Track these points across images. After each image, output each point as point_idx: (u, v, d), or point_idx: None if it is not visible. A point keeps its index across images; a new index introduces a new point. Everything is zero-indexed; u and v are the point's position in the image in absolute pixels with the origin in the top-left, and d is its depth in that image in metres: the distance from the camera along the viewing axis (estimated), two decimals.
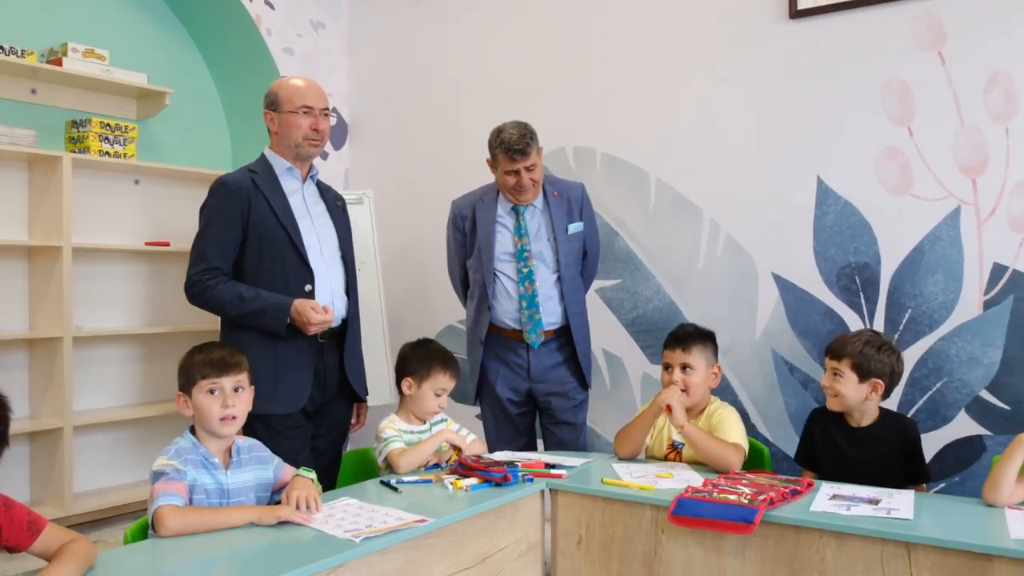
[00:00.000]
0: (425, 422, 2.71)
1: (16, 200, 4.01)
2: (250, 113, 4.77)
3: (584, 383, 3.18)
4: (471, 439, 2.65)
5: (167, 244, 4.40)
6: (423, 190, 4.58)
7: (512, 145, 2.99)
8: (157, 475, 1.99)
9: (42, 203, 3.99)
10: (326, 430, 2.83)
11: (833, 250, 3.42)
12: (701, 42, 3.72)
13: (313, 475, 2.16)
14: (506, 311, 3.10)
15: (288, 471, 2.21)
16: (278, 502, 2.11)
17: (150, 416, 4.31)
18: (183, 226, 4.56)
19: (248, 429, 2.56)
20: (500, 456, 2.64)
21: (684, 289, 3.74)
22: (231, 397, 2.12)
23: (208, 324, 4.43)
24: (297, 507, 2.00)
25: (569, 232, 3.15)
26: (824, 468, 2.56)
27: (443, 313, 4.48)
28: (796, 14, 3.47)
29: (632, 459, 2.68)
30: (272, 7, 4.56)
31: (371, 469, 2.72)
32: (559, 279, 3.12)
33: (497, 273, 3.11)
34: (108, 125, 4.13)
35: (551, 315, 3.10)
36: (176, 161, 4.59)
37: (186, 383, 2.16)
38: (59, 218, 3.89)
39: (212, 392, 2.12)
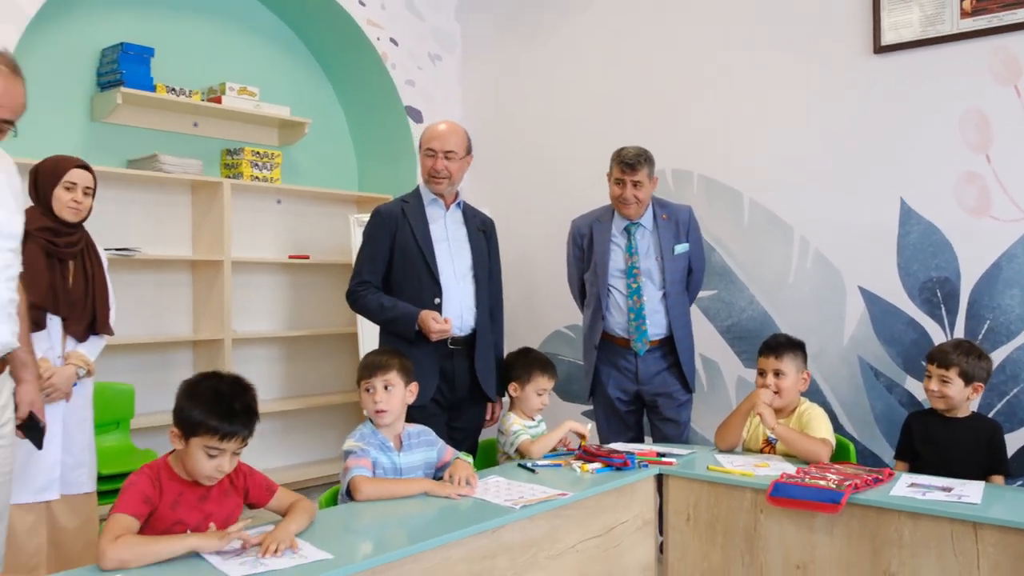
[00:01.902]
0: (534, 418, 3.16)
1: (181, 220, 4.62)
2: (374, 139, 5.33)
3: (687, 387, 3.53)
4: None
5: (307, 257, 4.96)
6: (532, 209, 5.03)
7: (625, 158, 3.40)
8: (348, 453, 2.48)
9: (204, 223, 4.58)
10: (463, 424, 3.29)
11: (916, 266, 3.73)
12: (793, 74, 4.07)
13: (471, 459, 2.63)
14: (617, 322, 3.49)
15: (449, 452, 2.68)
16: (440, 478, 2.57)
17: (292, 409, 4.88)
18: (320, 241, 5.14)
19: None
20: (616, 446, 3.06)
21: (776, 300, 4.10)
22: (380, 394, 2.57)
23: (342, 328, 4.99)
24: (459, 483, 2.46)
25: (676, 252, 3.50)
26: (924, 457, 2.93)
27: (550, 321, 4.93)
28: (880, 49, 3.79)
29: (730, 451, 3.06)
30: (396, 44, 5.08)
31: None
32: (665, 295, 3.47)
33: (610, 287, 3.50)
34: (258, 153, 4.71)
35: (657, 327, 3.46)
36: (312, 183, 5.16)
37: (357, 381, 2.64)
38: (220, 236, 4.47)
39: (368, 391, 2.59)
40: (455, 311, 3.21)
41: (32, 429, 2.37)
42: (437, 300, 3.18)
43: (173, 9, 4.56)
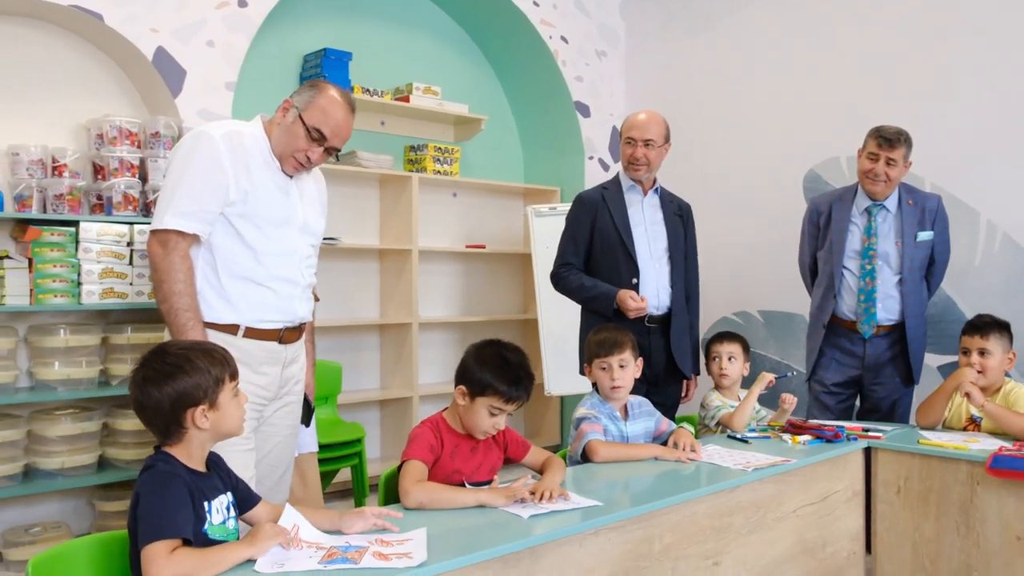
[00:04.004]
0: (740, 398, 3.29)
1: (370, 212, 4.96)
2: (541, 134, 5.56)
3: (910, 379, 3.47)
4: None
5: (483, 247, 5.23)
6: (692, 203, 5.12)
7: (884, 133, 3.37)
8: (581, 419, 2.68)
9: (392, 214, 4.90)
10: (661, 399, 3.41)
11: None
12: (974, 57, 4.06)
13: (692, 428, 2.79)
14: (847, 304, 3.48)
15: (665, 423, 2.85)
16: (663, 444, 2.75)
17: None
18: (492, 231, 5.41)
19: None
20: (821, 421, 3.17)
21: (960, 285, 4.09)
22: (616, 371, 2.74)
23: (511, 315, 5.24)
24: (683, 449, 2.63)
25: (918, 240, 3.42)
26: None
27: (716, 309, 5.04)
28: None
29: (931, 429, 3.12)
30: (566, 41, 5.28)
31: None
32: (901, 281, 3.41)
33: (844, 269, 3.49)
34: (440, 148, 5.00)
35: (889, 312, 3.41)
36: (482, 176, 5.42)
37: (589, 358, 2.82)
38: (407, 226, 4.78)
39: (603, 368, 2.77)
40: (651, 291, 3.37)
41: (304, 409, 2.67)
42: (634, 280, 3.35)
43: (367, 17, 4.91)
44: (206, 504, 1.72)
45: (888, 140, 3.35)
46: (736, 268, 4.96)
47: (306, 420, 2.68)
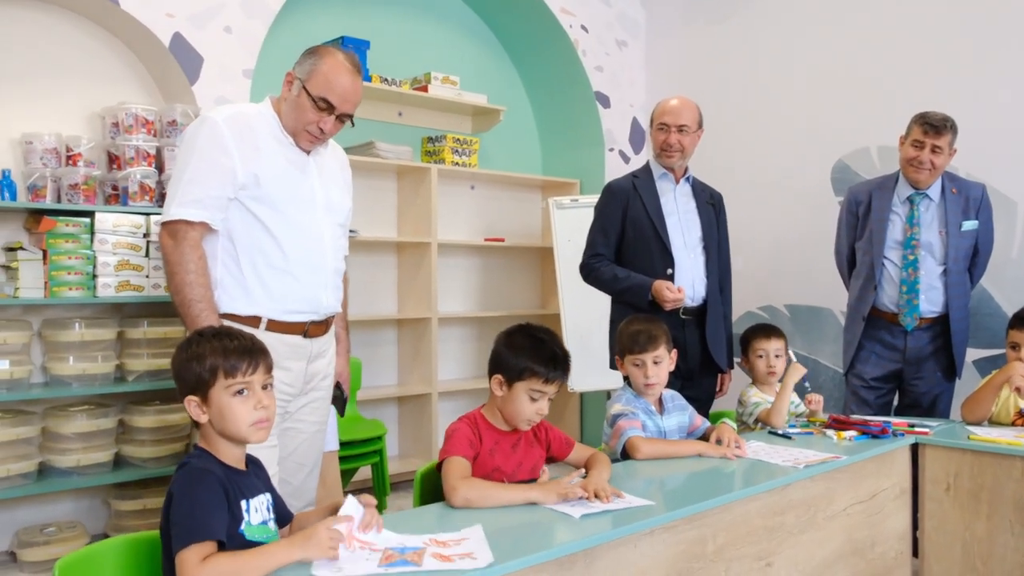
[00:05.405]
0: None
1: (387, 204, 4.86)
2: (560, 126, 5.45)
3: (952, 373, 3.37)
4: None
5: (503, 240, 5.12)
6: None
7: (931, 120, 3.27)
8: (618, 416, 2.57)
9: (410, 206, 4.80)
10: (695, 394, 3.31)
11: None
12: (1012, 40, 3.94)
13: (735, 424, 2.68)
14: (888, 296, 3.38)
15: (699, 418, 2.74)
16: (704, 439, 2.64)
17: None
18: (511, 224, 5.30)
19: None
20: (862, 418, 3.06)
21: (997, 277, 3.98)
22: (650, 369, 2.61)
23: (530, 311, 5.14)
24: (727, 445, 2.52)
25: (963, 229, 3.33)
26: None
27: (741, 303, 4.91)
28: None
29: (978, 424, 3.01)
30: (587, 31, 5.18)
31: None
32: (945, 271, 3.32)
33: (885, 259, 3.38)
34: (458, 140, 4.89)
35: (932, 304, 3.31)
36: (500, 168, 5.32)
37: (621, 352, 2.71)
38: (427, 219, 4.68)
39: (637, 365, 2.65)
40: (687, 281, 3.27)
41: (338, 398, 2.57)
42: (669, 271, 3.25)
43: (385, 4, 4.81)
44: (243, 503, 1.62)
45: (934, 127, 3.24)
46: (762, 262, 4.86)
47: (340, 409, 2.58)
